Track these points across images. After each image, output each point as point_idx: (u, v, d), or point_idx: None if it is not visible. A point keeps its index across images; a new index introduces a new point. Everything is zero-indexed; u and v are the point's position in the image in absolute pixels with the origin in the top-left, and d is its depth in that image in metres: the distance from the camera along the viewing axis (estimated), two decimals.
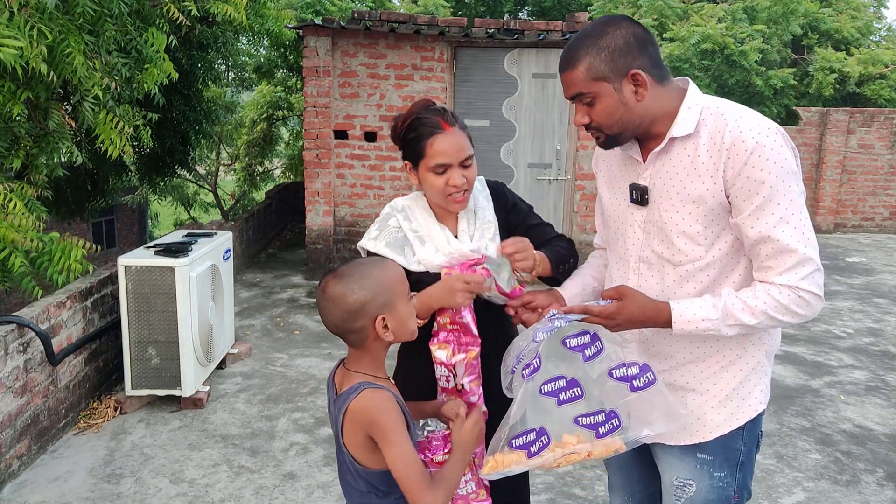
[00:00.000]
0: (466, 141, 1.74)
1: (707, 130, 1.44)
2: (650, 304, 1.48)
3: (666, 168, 1.50)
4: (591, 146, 6.72)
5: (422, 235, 1.79)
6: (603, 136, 1.51)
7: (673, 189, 1.48)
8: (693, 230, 1.47)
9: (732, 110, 1.43)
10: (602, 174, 1.74)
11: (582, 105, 1.48)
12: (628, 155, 1.59)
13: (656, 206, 1.52)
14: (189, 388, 3.87)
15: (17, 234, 3.05)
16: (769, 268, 1.42)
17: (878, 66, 12.71)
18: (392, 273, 1.43)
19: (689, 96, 1.48)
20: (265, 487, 3.12)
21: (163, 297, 3.76)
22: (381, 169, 6.80)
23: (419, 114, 1.75)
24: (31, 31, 2.88)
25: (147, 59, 3.84)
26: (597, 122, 1.48)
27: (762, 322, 1.43)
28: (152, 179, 8.19)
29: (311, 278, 6.91)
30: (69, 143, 3.76)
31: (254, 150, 13.83)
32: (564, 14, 14.22)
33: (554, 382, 1.52)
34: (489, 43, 6.50)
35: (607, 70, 1.42)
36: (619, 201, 1.63)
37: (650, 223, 1.54)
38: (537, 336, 1.47)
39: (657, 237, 1.53)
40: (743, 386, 1.57)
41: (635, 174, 1.57)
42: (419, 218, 1.82)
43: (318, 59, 6.53)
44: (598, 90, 1.43)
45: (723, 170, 1.41)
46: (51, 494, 3.04)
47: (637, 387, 1.50)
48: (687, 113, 1.46)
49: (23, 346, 3.22)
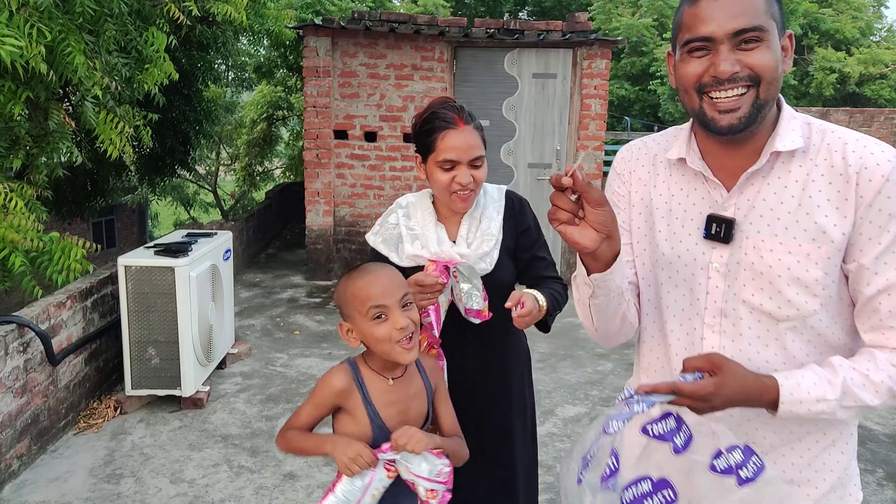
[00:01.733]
0: (478, 141, 1.74)
1: (819, 148, 1.15)
2: (753, 381, 1.11)
3: (766, 194, 1.16)
4: (592, 146, 6.72)
5: (415, 233, 1.80)
6: (749, 101, 1.10)
7: (779, 223, 1.14)
8: (810, 277, 1.13)
9: (842, 129, 1.17)
10: (639, 192, 1.33)
11: (738, 49, 1.09)
12: (695, 173, 1.24)
13: (750, 244, 1.17)
14: (189, 388, 3.87)
15: (16, 234, 3.05)
16: (891, 328, 1.11)
17: (878, 66, 12.72)
18: (355, 291, 1.48)
19: (785, 106, 1.19)
20: (265, 487, 3.12)
21: (163, 297, 3.76)
22: (381, 169, 6.80)
23: (436, 108, 1.76)
24: (30, 31, 2.88)
25: (147, 59, 3.84)
26: (758, 71, 1.09)
27: (884, 402, 1.11)
28: (152, 179, 8.20)
29: (311, 278, 6.91)
30: (69, 143, 3.77)
31: (254, 150, 13.84)
32: (564, 14, 14.22)
33: (637, 486, 1.19)
34: (489, 43, 6.50)
35: (778, 12, 1.13)
36: (682, 236, 1.25)
37: (738, 266, 1.19)
38: (610, 426, 1.11)
39: (752, 285, 1.17)
40: (846, 472, 1.25)
41: (711, 201, 1.22)
42: (419, 216, 1.83)
43: (318, 59, 6.53)
44: (770, 29, 1.09)
45: (854, 200, 1.10)
46: (51, 494, 3.04)
47: (746, 478, 1.11)
48: (789, 123, 1.16)
49: (23, 346, 3.22)
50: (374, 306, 1.44)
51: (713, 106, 1.12)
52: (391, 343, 1.45)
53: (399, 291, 1.47)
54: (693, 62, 1.12)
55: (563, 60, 6.58)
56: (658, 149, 1.34)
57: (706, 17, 1.09)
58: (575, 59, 6.56)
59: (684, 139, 1.27)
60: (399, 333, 1.44)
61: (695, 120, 1.19)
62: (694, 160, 1.23)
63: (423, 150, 1.77)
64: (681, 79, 1.15)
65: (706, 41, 1.10)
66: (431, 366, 1.64)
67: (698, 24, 1.10)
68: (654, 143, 1.36)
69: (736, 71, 1.08)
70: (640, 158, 1.36)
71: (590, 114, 6.65)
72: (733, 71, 1.08)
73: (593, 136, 6.71)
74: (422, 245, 1.76)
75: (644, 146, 1.37)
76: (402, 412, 1.52)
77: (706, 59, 1.11)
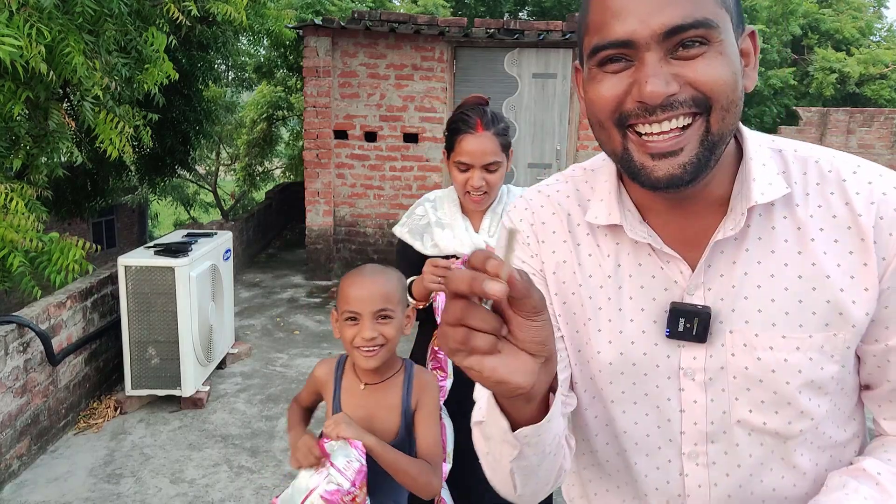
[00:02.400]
0: (495, 146, 1.79)
1: (806, 189, 0.82)
2: None
3: (747, 266, 0.81)
4: (592, 146, 6.71)
5: (444, 223, 1.91)
6: (696, 137, 0.74)
7: (775, 307, 0.81)
8: (826, 375, 0.82)
9: (824, 153, 0.84)
10: (557, 274, 0.91)
11: (674, 58, 0.72)
12: (638, 243, 0.86)
13: (737, 340, 0.82)
14: (189, 388, 3.87)
15: (16, 234, 3.05)
16: None
17: (878, 66, 12.73)
18: (343, 287, 1.50)
19: (746, 131, 0.85)
20: (265, 487, 3.12)
21: (163, 297, 3.76)
22: (381, 169, 6.80)
23: (464, 110, 1.85)
24: (30, 31, 2.88)
25: (147, 59, 3.84)
26: (706, 90, 0.72)
27: None
28: (152, 179, 8.20)
29: (311, 278, 6.91)
30: (69, 143, 3.77)
31: (254, 150, 13.84)
32: (564, 14, 14.22)
33: None
34: (489, 43, 6.50)
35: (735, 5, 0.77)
36: (632, 335, 0.87)
37: (723, 373, 0.84)
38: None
39: (749, 398, 0.83)
40: None
41: (667, 281, 0.85)
42: (446, 208, 1.94)
43: (318, 59, 6.53)
44: (721, 26, 0.72)
45: (876, 264, 0.78)
46: (51, 494, 3.04)
47: None
48: (758, 157, 0.82)
49: (23, 346, 3.22)
50: (348, 310, 1.46)
51: (642, 147, 0.74)
52: (352, 347, 1.47)
53: (378, 303, 1.45)
54: (607, 80, 0.75)
55: (563, 60, 6.58)
56: (571, 205, 0.91)
57: (622, 10, 0.72)
58: (575, 59, 6.56)
59: (611, 192, 0.87)
60: (361, 342, 1.44)
61: (619, 167, 0.80)
62: (634, 226, 0.84)
63: (448, 148, 1.87)
64: (591, 106, 0.77)
65: (624, 47, 0.72)
66: (423, 382, 1.56)
67: (611, 20, 0.72)
68: (563, 197, 0.92)
69: (672, 92, 0.71)
70: (547, 222, 0.91)
71: None
72: (667, 92, 0.71)
73: (593, 136, 6.71)
74: (452, 234, 1.87)
75: (549, 202, 0.92)
76: (366, 420, 1.50)
77: (626, 74, 0.73)
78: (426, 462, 1.48)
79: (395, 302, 1.48)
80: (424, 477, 1.45)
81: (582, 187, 0.92)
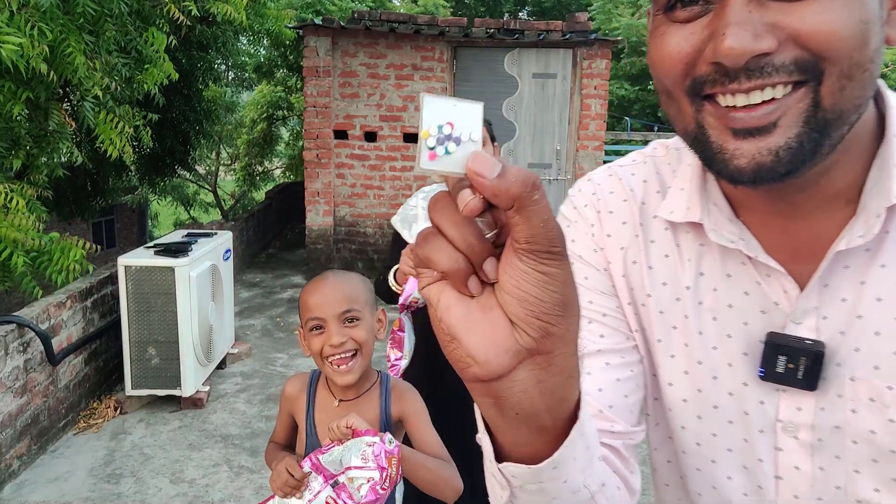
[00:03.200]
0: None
1: None
2: None
3: (881, 289, 0.58)
4: (592, 146, 6.72)
5: None
6: (798, 113, 0.51)
7: None
8: None
9: None
10: (621, 271, 0.71)
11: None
12: (732, 251, 0.64)
13: (862, 391, 0.59)
14: (189, 388, 3.87)
15: (18, 233, 3.05)
16: None
17: None
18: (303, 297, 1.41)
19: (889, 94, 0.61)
20: (265, 487, 3.12)
21: (163, 297, 3.76)
22: (381, 169, 6.80)
23: None
24: (31, 31, 2.88)
25: (147, 59, 3.85)
26: (816, 44, 0.49)
27: None
28: (152, 179, 8.20)
29: (311, 278, 6.88)
30: (69, 143, 3.77)
31: (254, 150, 13.84)
32: (564, 14, 14.23)
33: None
34: (489, 43, 6.50)
35: None
36: (714, 368, 0.66)
37: (838, 434, 0.61)
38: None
39: (875, 471, 0.59)
40: None
41: (765, 303, 0.63)
42: None
43: (318, 59, 6.53)
44: None
45: None
46: (51, 494, 3.04)
47: None
48: None
49: (23, 346, 3.22)
50: (311, 318, 1.35)
51: (722, 120, 0.53)
52: (323, 360, 1.34)
53: (342, 306, 1.33)
54: (674, 32, 0.54)
55: (563, 60, 6.58)
56: (647, 192, 0.71)
57: None
58: (575, 59, 6.56)
59: (693, 178, 0.66)
60: (331, 350, 1.32)
61: (692, 150, 0.59)
62: (720, 225, 0.63)
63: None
64: (653, 69, 0.57)
65: None
66: (400, 391, 1.46)
67: None
68: (638, 182, 0.72)
69: (764, 50, 0.49)
70: (615, 210, 0.72)
71: (590, 114, 6.65)
72: (756, 49, 0.49)
73: (593, 135, 6.71)
74: None
75: (620, 187, 0.72)
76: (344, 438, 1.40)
77: (702, 23, 0.52)
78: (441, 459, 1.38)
79: (361, 303, 1.38)
80: (446, 472, 1.34)
81: (663, 170, 0.71)
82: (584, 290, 0.70)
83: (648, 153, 0.74)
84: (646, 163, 0.73)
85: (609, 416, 0.65)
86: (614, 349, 0.69)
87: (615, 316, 0.70)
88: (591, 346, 0.68)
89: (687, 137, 0.57)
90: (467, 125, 0.38)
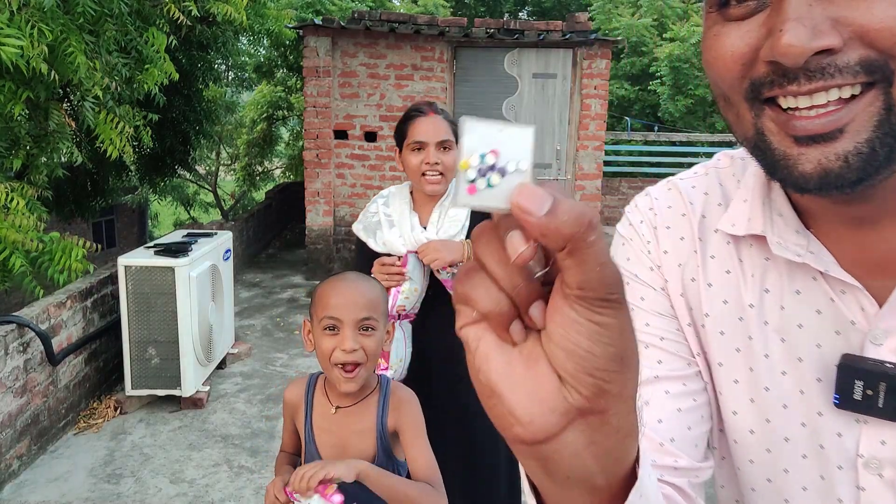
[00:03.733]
0: (447, 128, 1.88)
1: None
2: None
3: None
4: (592, 146, 6.72)
5: (392, 220, 1.95)
6: (870, 117, 0.46)
7: None
8: None
9: None
10: (679, 289, 0.67)
11: None
12: (801, 266, 0.59)
13: None
14: (189, 388, 3.87)
15: (18, 234, 3.05)
16: None
17: None
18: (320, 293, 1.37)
19: None
20: (265, 487, 3.12)
21: (163, 297, 3.76)
22: (381, 169, 6.80)
23: (412, 106, 1.94)
24: (31, 31, 2.88)
25: (147, 59, 3.85)
26: (884, 39, 0.44)
27: None
28: (152, 179, 8.20)
29: (311, 278, 6.91)
30: (69, 143, 3.77)
31: (254, 150, 13.84)
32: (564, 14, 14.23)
33: None
34: (489, 43, 6.50)
35: None
36: (783, 395, 0.61)
37: None
38: None
39: None
40: None
41: (839, 322, 0.58)
42: (396, 204, 1.98)
43: (318, 59, 6.53)
44: None
45: None
46: (51, 494, 3.04)
47: None
48: None
49: (23, 346, 3.22)
50: (328, 316, 1.30)
51: (784, 126, 0.49)
52: (330, 364, 1.31)
53: (361, 312, 1.31)
54: (729, 31, 0.50)
55: (563, 60, 6.58)
56: (708, 205, 0.67)
57: None
58: (575, 59, 6.56)
59: (756, 188, 0.62)
60: (342, 355, 1.29)
61: (755, 160, 0.55)
62: (785, 237, 0.59)
63: (399, 141, 1.93)
64: (708, 70, 0.53)
65: None
66: (399, 399, 1.42)
67: None
68: (699, 195, 0.68)
69: (826, 47, 0.45)
70: (673, 226, 0.67)
71: (590, 114, 6.65)
72: (816, 47, 0.45)
73: (593, 136, 6.71)
74: (399, 233, 1.91)
75: (679, 201, 0.68)
76: (338, 446, 1.37)
77: (758, 20, 0.48)
78: (429, 484, 1.32)
79: (379, 313, 1.35)
80: (429, 499, 1.28)
81: (727, 181, 0.66)
82: (640, 311, 0.66)
83: (711, 164, 0.70)
84: (708, 174, 0.69)
85: (671, 451, 0.60)
86: (674, 376, 0.63)
87: (674, 339, 0.65)
88: (649, 372, 0.63)
89: (747, 144, 0.54)
90: (514, 153, 0.33)
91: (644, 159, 10.93)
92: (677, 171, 0.74)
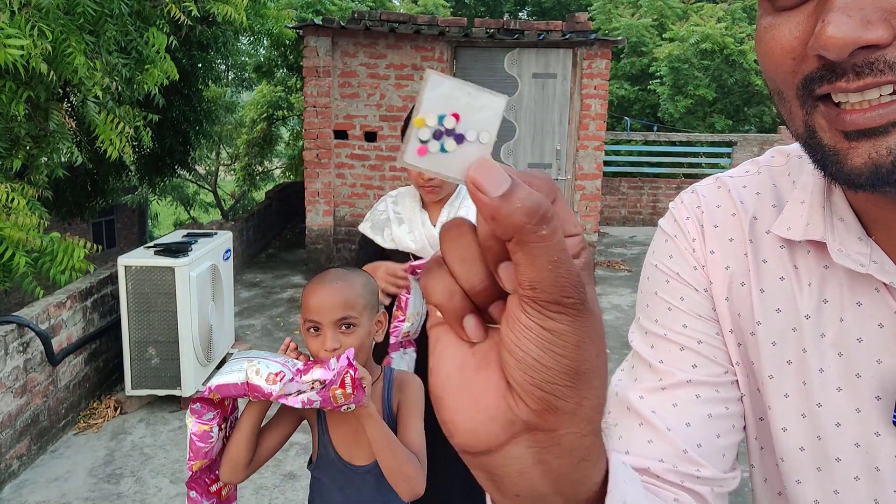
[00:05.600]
0: None
1: None
2: None
3: None
4: (592, 146, 6.72)
5: (402, 217, 2.00)
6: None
7: None
8: None
9: None
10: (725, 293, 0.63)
11: None
12: (862, 276, 0.55)
13: None
14: (189, 388, 3.87)
15: (20, 233, 3.05)
16: None
17: None
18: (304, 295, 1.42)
19: None
20: (265, 487, 3.12)
21: (163, 297, 3.76)
22: (381, 169, 6.80)
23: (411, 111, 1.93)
24: (31, 31, 2.88)
25: (147, 59, 3.85)
26: None
27: None
28: (152, 179, 8.20)
29: (310, 278, 6.89)
30: (69, 143, 3.77)
31: (254, 150, 13.84)
32: (564, 14, 14.23)
33: None
34: (489, 43, 6.50)
35: None
36: (838, 409, 0.57)
37: None
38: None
39: None
40: None
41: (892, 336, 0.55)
42: (406, 203, 2.03)
43: (318, 59, 6.53)
44: None
45: None
46: (51, 494, 3.04)
47: None
48: None
49: (23, 346, 3.22)
50: (307, 318, 1.36)
51: (834, 121, 0.46)
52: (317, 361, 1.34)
53: (338, 312, 1.34)
54: (780, 23, 0.47)
55: (563, 60, 6.59)
56: (760, 206, 0.63)
57: None
58: (575, 59, 6.56)
59: (815, 191, 0.58)
60: (326, 354, 1.32)
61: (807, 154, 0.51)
62: (847, 245, 0.55)
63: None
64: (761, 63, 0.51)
65: None
66: (401, 382, 1.48)
67: None
68: (751, 194, 0.64)
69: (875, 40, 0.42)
70: (721, 225, 0.64)
71: (590, 114, 6.65)
72: (863, 40, 0.42)
73: (593, 135, 6.72)
74: (409, 228, 1.95)
75: (729, 200, 0.65)
76: (350, 434, 1.42)
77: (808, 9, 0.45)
78: (416, 454, 1.36)
79: (359, 308, 1.37)
80: (410, 466, 1.31)
81: (781, 181, 0.63)
82: (678, 312, 0.63)
83: (764, 162, 0.65)
84: (760, 173, 0.64)
85: (695, 459, 0.57)
86: (708, 381, 0.60)
87: (713, 344, 0.62)
88: (681, 375, 0.60)
89: (799, 140, 0.51)
90: (478, 122, 0.30)
91: (644, 159, 10.93)
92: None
